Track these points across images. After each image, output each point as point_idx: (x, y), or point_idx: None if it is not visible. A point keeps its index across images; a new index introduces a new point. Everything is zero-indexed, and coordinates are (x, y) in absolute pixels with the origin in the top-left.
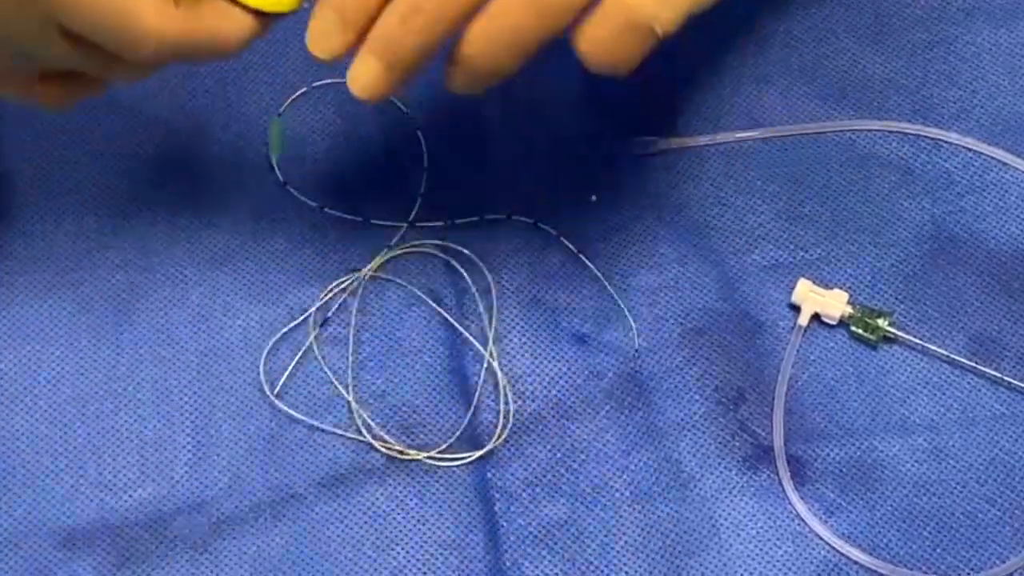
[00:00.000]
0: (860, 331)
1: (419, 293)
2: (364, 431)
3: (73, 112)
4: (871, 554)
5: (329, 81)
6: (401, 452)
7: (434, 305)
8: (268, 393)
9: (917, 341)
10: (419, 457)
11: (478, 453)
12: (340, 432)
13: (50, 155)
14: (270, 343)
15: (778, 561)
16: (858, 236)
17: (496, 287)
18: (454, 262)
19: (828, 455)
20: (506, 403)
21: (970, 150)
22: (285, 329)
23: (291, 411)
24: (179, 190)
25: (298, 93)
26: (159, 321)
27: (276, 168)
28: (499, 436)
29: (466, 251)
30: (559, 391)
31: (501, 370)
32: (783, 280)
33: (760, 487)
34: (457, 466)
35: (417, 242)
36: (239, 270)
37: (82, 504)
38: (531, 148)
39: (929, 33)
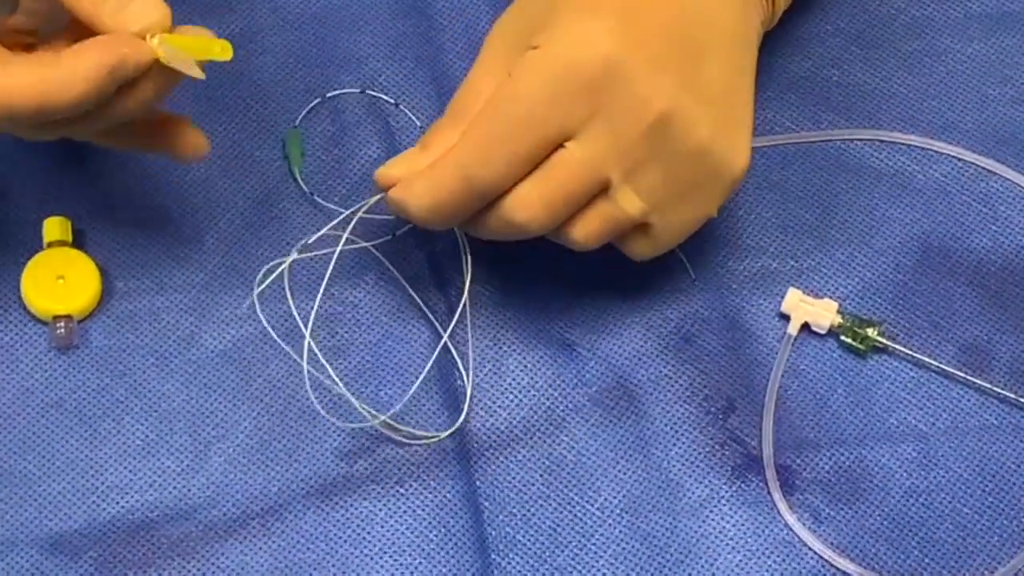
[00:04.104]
0: (850, 340)
1: (410, 293)
2: (359, 430)
3: None
4: (860, 563)
5: (342, 92)
6: (388, 427)
7: (423, 306)
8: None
9: (906, 351)
10: (389, 424)
11: (448, 432)
12: (330, 427)
13: (56, 171)
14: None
15: (767, 570)
16: (848, 246)
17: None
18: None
19: (817, 464)
20: (469, 376)
21: (961, 160)
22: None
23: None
24: (192, 202)
25: (313, 103)
26: (148, 330)
27: (299, 179)
28: (467, 411)
29: (455, 256)
30: (548, 399)
31: (473, 355)
32: (773, 289)
33: (749, 496)
34: (431, 444)
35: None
36: (232, 278)
37: (70, 510)
38: None
39: (920, 43)
